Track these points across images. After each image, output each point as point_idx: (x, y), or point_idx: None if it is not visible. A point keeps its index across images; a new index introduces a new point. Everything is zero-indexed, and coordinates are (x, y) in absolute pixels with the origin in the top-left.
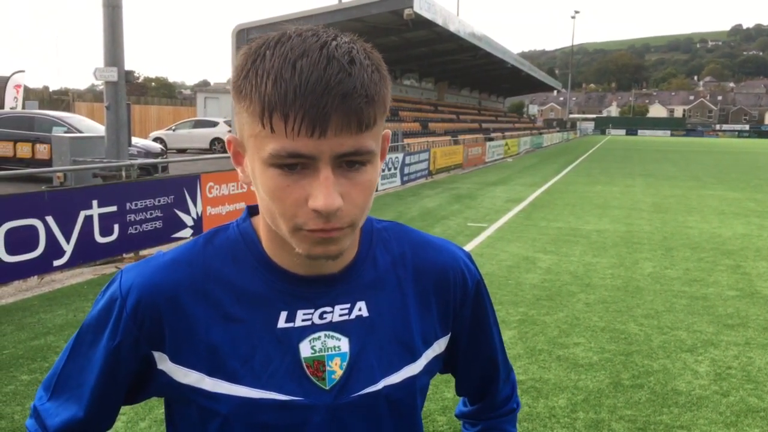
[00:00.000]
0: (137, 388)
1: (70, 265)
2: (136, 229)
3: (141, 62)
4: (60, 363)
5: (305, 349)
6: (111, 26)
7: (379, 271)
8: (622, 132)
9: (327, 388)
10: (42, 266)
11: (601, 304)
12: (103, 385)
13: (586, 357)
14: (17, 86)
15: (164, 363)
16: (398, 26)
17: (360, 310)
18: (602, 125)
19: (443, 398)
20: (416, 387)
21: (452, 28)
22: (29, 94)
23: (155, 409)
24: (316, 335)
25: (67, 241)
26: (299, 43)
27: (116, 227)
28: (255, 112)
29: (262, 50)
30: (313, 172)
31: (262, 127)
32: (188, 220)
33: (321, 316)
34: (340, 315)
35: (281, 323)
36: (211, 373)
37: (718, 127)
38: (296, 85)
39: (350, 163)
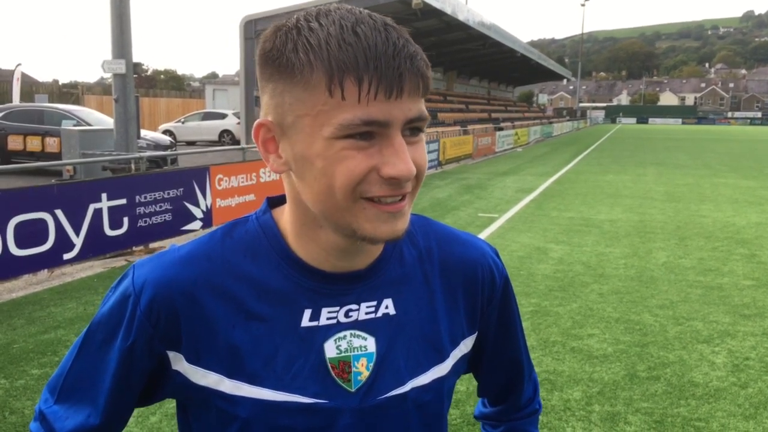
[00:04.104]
0: (151, 390)
1: (80, 258)
2: (145, 221)
3: (149, 55)
4: (67, 363)
5: (330, 349)
6: (119, 18)
7: (405, 267)
8: (633, 120)
9: (353, 390)
10: (52, 260)
11: (614, 295)
12: (117, 387)
13: (600, 348)
14: (17, 79)
15: (179, 363)
16: (407, 16)
17: (387, 307)
18: (613, 114)
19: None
20: (444, 388)
21: (461, 17)
22: (38, 87)
23: (166, 403)
24: (341, 334)
25: (77, 234)
26: (346, 13)
27: (126, 220)
28: (318, 82)
29: (303, 24)
30: (382, 140)
31: (329, 96)
32: (198, 212)
33: (347, 315)
34: (367, 313)
35: (305, 322)
36: (231, 374)
37: (729, 114)
38: (365, 48)
39: (413, 129)
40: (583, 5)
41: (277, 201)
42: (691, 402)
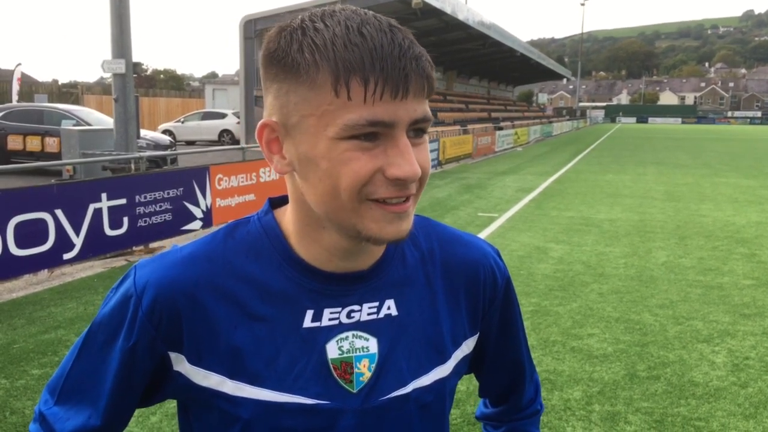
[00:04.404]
0: (152, 391)
1: (80, 258)
2: (145, 221)
3: (149, 54)
4: (67, 364)
5: (332, 350)
6: (118, 18)
7: (408, 267)
8: (633, 120)
9: (355, 391)
10: (52, 260)
11: (614, 294)
12: (118, 388)
13: (600, 348)
14: (18, 79)
15: (181, 364)
16: (406, 15)
17: (389, 308)
18: (612, 113)
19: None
20: (446, 389)
21: (461, 16)
22: (38, 87)
23: (166, 402)
24: (343, 335)
25: (77, 234)
26: (351, 14)
27: (126, 220)
28: (324, 82)
29: (308, 24)
30: (387, 141)
31: (335, 96)
32: (197, 212)
33: (349, 315)
34: (369, 314)
35: (307, 322)
36: (233, 375)
37: (729, 114)
38: (371, 49)
39: (417, 131)
40: (582, 5)
41: (279, 201)
42: (691, 401)
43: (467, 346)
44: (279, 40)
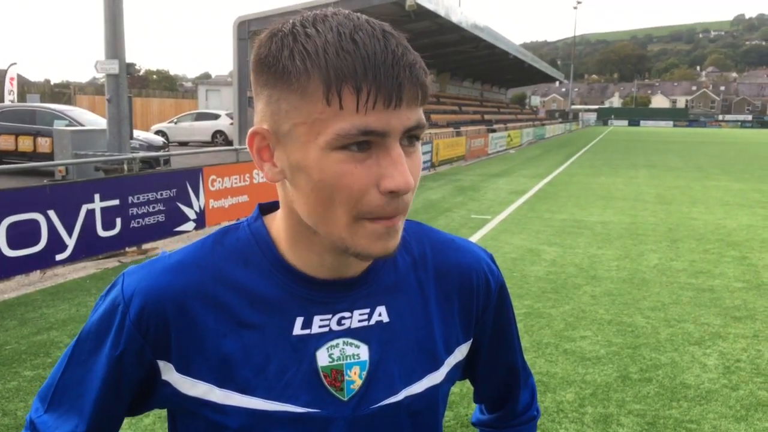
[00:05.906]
0: (140, 400)
1: (72, 259)
2: (138, 222)
3: (142, 55)
4: (57, 372)
5: (322, 358)
6: (112, 18)
7: (399, 273)
8: (625, 123)
9: (345, 399)
10: (44, 261)
11: (607, 297)
12: (105, 397)
13: (593, 350)
14: (11, 78)
15: (169, 373)
16: (400, 17)
17: (380, 315)
18: (604, 116)
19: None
20: (438, 396)
21: (454, 18)
22: (30, 87)
23: None
24: (333, 342)
25: (70, 235)
26: (343, 19)
27: (118, 221)
28: (315, 90)
29: (299, 29)
30: (379, 151)
31: (326, 105)
32: (191, 213)
33: (339, 322)
34: (360, 321)
35: (297, 330)
36: (221, 384)
37: (720, 117)
38: (364, 57)
39: (410, 138)
40: (575, 8)
41: (269, 207)
42: (683, 404)
43: (460, 353)
44: (270, 46)
